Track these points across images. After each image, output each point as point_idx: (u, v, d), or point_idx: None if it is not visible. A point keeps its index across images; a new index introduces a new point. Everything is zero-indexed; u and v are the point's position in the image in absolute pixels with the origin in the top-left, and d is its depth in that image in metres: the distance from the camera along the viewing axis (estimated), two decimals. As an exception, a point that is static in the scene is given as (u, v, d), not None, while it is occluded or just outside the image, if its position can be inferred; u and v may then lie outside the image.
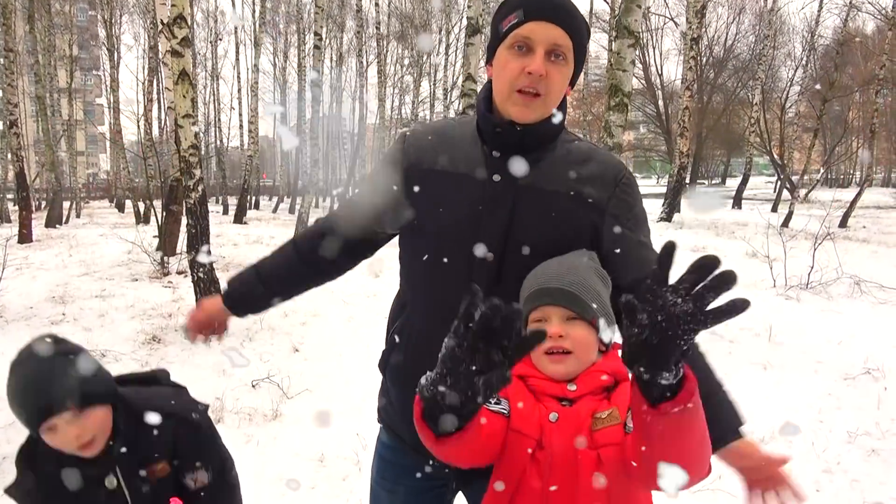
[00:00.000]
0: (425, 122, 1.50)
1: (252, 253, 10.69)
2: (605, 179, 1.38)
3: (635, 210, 1.41)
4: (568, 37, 1.31)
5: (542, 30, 1.29)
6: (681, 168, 16.65)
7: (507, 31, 1.32)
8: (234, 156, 45.82)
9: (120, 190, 28.10)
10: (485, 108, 1.39)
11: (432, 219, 1.38)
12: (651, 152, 44.74)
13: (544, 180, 1.35)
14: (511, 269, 1.33)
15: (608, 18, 23.93)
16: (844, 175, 46.47)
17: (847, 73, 26.20)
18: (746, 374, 4.70)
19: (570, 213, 1.35)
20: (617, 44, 4.77)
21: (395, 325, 1.50)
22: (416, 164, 1.42)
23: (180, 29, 5.92)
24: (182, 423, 1.54)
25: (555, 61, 1.31)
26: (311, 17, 21.35)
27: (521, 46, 1.30)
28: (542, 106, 1.33)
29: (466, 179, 1.36)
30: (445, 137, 1.44)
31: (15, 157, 12.45)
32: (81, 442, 1.38)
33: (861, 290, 7.22)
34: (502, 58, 1.34)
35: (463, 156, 1.39)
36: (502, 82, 1.34)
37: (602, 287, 1.29)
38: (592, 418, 1.21)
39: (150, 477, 1.49)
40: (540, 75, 1.29)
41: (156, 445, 1.50)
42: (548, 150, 1.39)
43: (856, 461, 3.39)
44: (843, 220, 15.05)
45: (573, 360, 1.23)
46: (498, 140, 1.37)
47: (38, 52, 17.98)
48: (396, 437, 1.54)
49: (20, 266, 8.79)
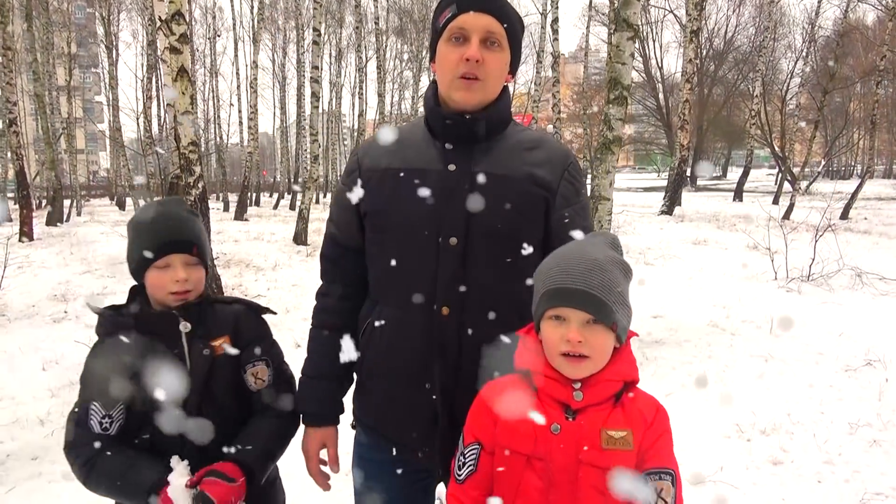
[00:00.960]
0: (376, 134, 1.56)
1: (253, 249, 10.70)
2: (555, 163, 1.46)
3: (582, 198, 1.50)
4: (500, 24, 1.40)
5: (475, 20, 1.38)
6: (681, 161, 16.63)
7: (443, 24, 1.41)
8: (234, 153, 45.80)
9: (120, 187, 28.12)
10: (433, 103, 1.47)
11: (395, 214, 1.43)
12: (651, 145, 44.66)
13: (497, 166, 1.42)
14: (475, 252, 1.39)
15: (607, 11, 23.88)
16: (845, 167, 46.40)
17: (848, 65, 26.13)
18: (748, 366, 4.71)
19: (524, 195, 1.41)
20: (616, 37, 4.76)
21: (367, 321, 1.51)
22: (372, 169, 1.48)
23: (178, 25, 5.92)
24: (247, 309, 1.67)
25: (490, 48, 1.40)
26: (309, 13, 21.31)
27: (458, 38, 1.40)
28: (482, 89, 1.41)
29: (423, 173, 1.42)
30: (396, 140, 1.51)
31: (15, 156, 12.44)
32: (184, 287, 1.53)
33: (862, 282, 7.22)
34: (442, 51, 1.43)
35: (416, 152, 1.46)
36: (444, 73, 1.42)
37: (624, 282, 1.25)
38: (602, 433, 1.19)
39: (213, 351, 1.56)
40: (477, 60, 1.37)
41: (221, 323, 1.60)
42: (498, 139, 1.47)
43: (857, 452, 3.40)
44: (844, 211, 15.04)
45: (589, 364, 1.21)
46: (449, 132, 1.44)
47: (36, 49, 17.93)
48: (376, 434, 1.55)
49: (22, 264, 8.80)
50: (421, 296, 1.40)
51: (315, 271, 1.66)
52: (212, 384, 1.55)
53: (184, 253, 1.54)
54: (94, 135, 50.45)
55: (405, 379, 1.44)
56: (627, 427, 1.19)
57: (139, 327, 1.53)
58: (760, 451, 3.43)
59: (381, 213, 1.45)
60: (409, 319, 1.42)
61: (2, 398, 4.24)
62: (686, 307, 6.40)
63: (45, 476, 3.21)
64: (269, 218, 20.08)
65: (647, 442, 1.20)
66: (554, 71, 18.18)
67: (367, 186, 1.48)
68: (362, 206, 1.49)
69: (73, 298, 6.97)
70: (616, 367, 1.24)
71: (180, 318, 1.54)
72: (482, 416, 1.29)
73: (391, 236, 1.44)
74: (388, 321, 1.46)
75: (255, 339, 1.63)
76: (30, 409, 4.01)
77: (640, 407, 1.23)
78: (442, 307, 1.39)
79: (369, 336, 1.49)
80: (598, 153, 5.01)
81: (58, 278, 8.08)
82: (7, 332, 5.71)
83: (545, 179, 1.43)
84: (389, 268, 1.44)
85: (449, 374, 1.40)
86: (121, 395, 1.50)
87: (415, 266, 1.41)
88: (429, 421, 1.43)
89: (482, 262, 1.39)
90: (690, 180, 33.11)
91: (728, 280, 7.73)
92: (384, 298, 1.48)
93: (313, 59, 12.53)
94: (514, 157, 1.44)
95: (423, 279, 1.40)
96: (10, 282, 7.16)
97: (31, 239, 11.99)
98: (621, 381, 1.23)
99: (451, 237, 1.38)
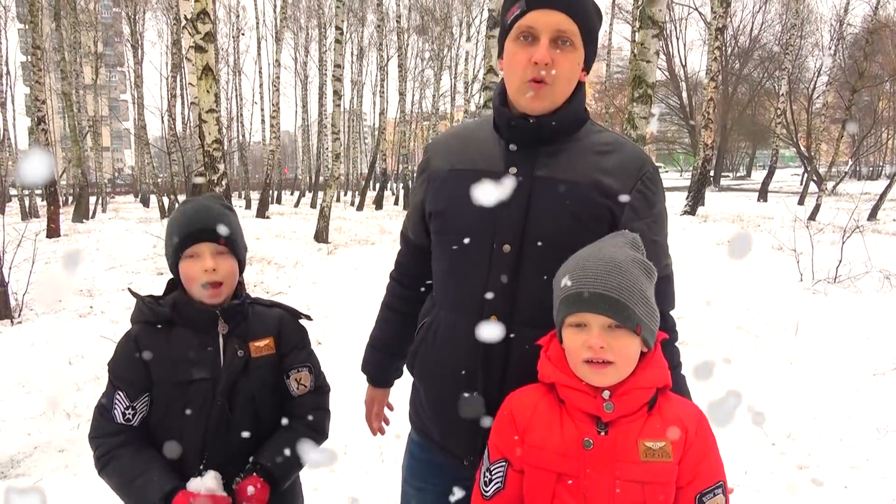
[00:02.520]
0: (447, 130, 1.54)
1: (274, 247, 10.77)
2: (628, 171, 1.35)
3: (656, 209, 1.39)
4: (572, 21, 1.30)
5: (545, 17, 1.29)
6: (705, 161, 16.43)
7: (511, 22, 1.33)
8: (256, 151, 46.20)
9: (145, 185, 28.50)
10: (500, 102, 1.41)
11: (453, 217, 1.40)
12: (674, 145, 44.21)
13: (562, 171, 1.34)
14: (530, 260, 1.33)
15: (631, 9, 23.67)
16: (874, 167, 45.56)
17: (877, 62, 25.63)
18: (773, 369, 4.64)
19: (587, 203, 1.33)
20: (641, 34, 4.71)
21: (423, 322, 1.51)
22: (439, 169, 1.46)
23: (203, 24, 5.97)
24: (290, 315, 1.69)
25: (561, 47, 1.30)
26: (332, 12, 21.41)
27: (527, 36, 1.31)
28: (551, 94, 1.33)
29: (484, 175, 1.37)
30: (464, 138, 1.48)
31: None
32: (212, 278, 1.52)
33: (891, 285, 7.07)
34: (510, 50, 1.34)
35: (480, 153, 1.41)
36: (512, 75, 1.35)
37: (647, 282, 1.19)
38: (640, 445, 1.13)
39: (250, 351, 1.57)
40: (546, 64, 1.28)
41: (263, 325, 1.62)
42: (570, 141, 1.38)
43: (885, 458, 3.33)
44: (872, 212, 14.74)
45: (614, 370, 1.14)
46: (514, 133, 1.37)
47: (64, 49, 18.25)
48: (426, 437, 1.53)
49: (49, 260, 8.95)
50: (471, 301, 1.37)
51: (335, 269, 1.68)
52: (246, 385, 1.55)
53: (211, 241, 1.53)
54: (119, 132, 51.20)
55: (453, 384, 1.40)
56: (666, 436, 1.13)
57: (177, 319, 1.54)
58: (786, 456, 3.38)
59: (441, 215, 1.43)
60: (457, 324, 1.39)
61: (30, 391, 4.32)
62: (709, 308, 6.32)
63: (72, 468, 3.26)
64: (291, 215, 20.22)
65: (692, 455, 1.14)
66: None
67: (433, 187, 1.46)
68: (427, 206, 1.47)
69: (99, 294, 7.07)
70: (646, 372, 1.17)
71: (220, 319, 1.55)
72: (506, 431, 1.23)
73: (448, 239, 1.41)
74: (439, 323, 1.45)
75: (298, 345, 1.65)
76: (56, 402, 4.08)
77: (679, 413, 1.17)
78: (491, 315, 1.34)
79: (423, 335, 1.49)
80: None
81: (84, 274, 8.20)
82: (35, 326, 5.82)
83: (613, 189, 1.33)
84: (445, 270, 1.44)
85: (494, 383, 1.36)
86: (147, 385, 1.52)
87: (467, 271, 1.38)
88: (474, 429, 1.37)
89: (535, 272, 1.33)
90: (714, 180, 32.74)
91: (752, 281, 7.63)
92: (440, 300, 1.47)
93: (336, 57, 12.60)
94: (582, 162, 1.36)
95: (475, 285, 1.36)
96: (38, 277, 7.28)
97: (58, 235, 12.20)
98: (653, 388, 1.17)
99: (504, 244, 1.33)
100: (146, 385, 1.52)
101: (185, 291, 1.56)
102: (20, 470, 3.31)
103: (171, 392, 1.51)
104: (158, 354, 1.52)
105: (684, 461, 1.14)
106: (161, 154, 23.24)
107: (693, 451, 1.15)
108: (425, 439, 1.53)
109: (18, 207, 22.05)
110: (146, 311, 1.56)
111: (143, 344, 1.53)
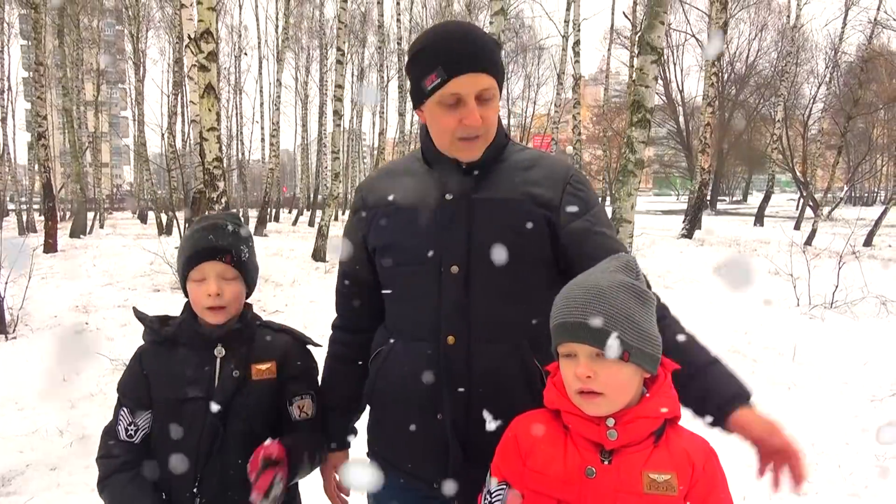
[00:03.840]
0: (375, 171, 1.60)
1: (272, 265, 10.76)
2: (555, 179, 1.42)
3: (593, 207, 1.44)
4: (491, 77, 1.35)
5: (468, 81, 1.32)
6: (702, 185, 16.53)
7: (431, 89, 1.34)
8: (255, 169, 46.30)
9: (142, 201, 28.49)
10: (429, 142, 1.45)
11: (398, 247, 1.44)
12: (671, 168, 44.47)
13: (495, 190, 1.41)
14: (479, 278, 1.38)
15: (629, 35, 23.95)
16: (869, 193, 45.82)
17: (871, 90, 25.87)
18: (770, 394, 4.62)
19: (524, 216, 1.38)
20: (639, 60, 4.77)
21: (378, 352, 1.52)
22: (377, 205, 1.49)
23: (207, 44, 6.02)
24: (296, 341, 1.66)
25: (486, 103, 1.36)
26: (333, 33, 21.60)
27: (452, 103, 1.34)
28: (484, 142, 1.40)
29: (422, 204, 1.42)
30: (394, 174, 1.53)
31: (42, 168, 12.68)
32: (216, 303, 1.53)
33: (888, 310, 7.08)
34: (435, 113, 1.38)
35: (415, 184, 1.46)
36: (441, 134, 1.39)
37: (636, 306, 1.15)
38: (644, 476, 1.10)
39: (250, 375, 1.56)
40: (477, 125, 1.34)
41: (268, 349, 1.60)
42: (496, 162, 1.44)
43: (884, 486, 3.31)
44: (868, 238, 14.79)
45: (605, 401, 1.12)
46: (446, 166, 1.44)
47: (66, 65, 18.36)
48: (388, 464, 1.51)
49: (45, 275, 8.92)
50: (427, 325, 1.39)
51: (333, 288, 1.66)
52: (241, 406, 1.54)
53: (215, 260, 1.53)
54: (118, 149, 51.29)
55: (416, 409, 1.41)
56: (672, 470, 1.10)
57: (180, 338, 1.57)
58: (784, 482, 3.35)
59: (388, 248, 1.46)
60: (416, 349, 1.41)
61: (23, 408, 4.28)
62: (706, 332, 6.30)
63: (64, 487, 3.22)
64: (288, 234, 20.22)
65: (699, 490, 1.11)
66: (574, 93, 18.23)
67: (374, 222, 1.49)
68: (369, 242, 1.50)
69: (95, 310, 7.04)
70: (653, 401, 1.15)
71: (217, 343, 1.56)
72: (510, 455, 1.22)
73: (397, 268, 1.45)
74: (396, 351, 1.46)
75: (303, 373, 1.64)
76: (49, 420, 4.04)
77: (686, 447, 1.14)
78: (447, 336, 1.37)
79: (380, 365, 1.49)
80: (619, 176, 5.00)
81: (80, 290, 8.17)
82: (30, 341, 5.78)
83: (545, 197, 1.40)
84: (396, 299, 1.47)
85: (459, 405, 1.37)
86: (148, 402, 1.55)
87: (420, 296, 1.41)
88: (441, 453, 1.39)
89: (486, 289, 1.37)
90: (710, 204, 32.90)
91: (749, 305, 7.63)
92: (393, 329, 1.49)
93: (337, 77, 12.68)
94: (511, 179, 1.42)
95: (429, 309, 1.39)
96: (34, 292, 7.25)
97: (55, 250, 12.16)
98: (660, 418, 1.15)
99: (452, 265, 1.38)
100: (147, 402, 1.54)
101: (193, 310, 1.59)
102: (11, 488, 3.27)
103: (167, 409, 1.52)
104: (159, 371, 1.55)
105: (690, 496, 1.11)
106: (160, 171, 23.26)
107: (700, 486, 1.12)
108: (389, 466, 1.50)
109: (16, 222, 22.04)
110: (150, 330, 1.60)
111: (146, 361, 1.58)
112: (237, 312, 1.60)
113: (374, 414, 1.56)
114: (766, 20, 37.29)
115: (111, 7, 27.08)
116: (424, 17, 29.71)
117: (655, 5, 4.67)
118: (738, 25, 36.81)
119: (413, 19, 29.81)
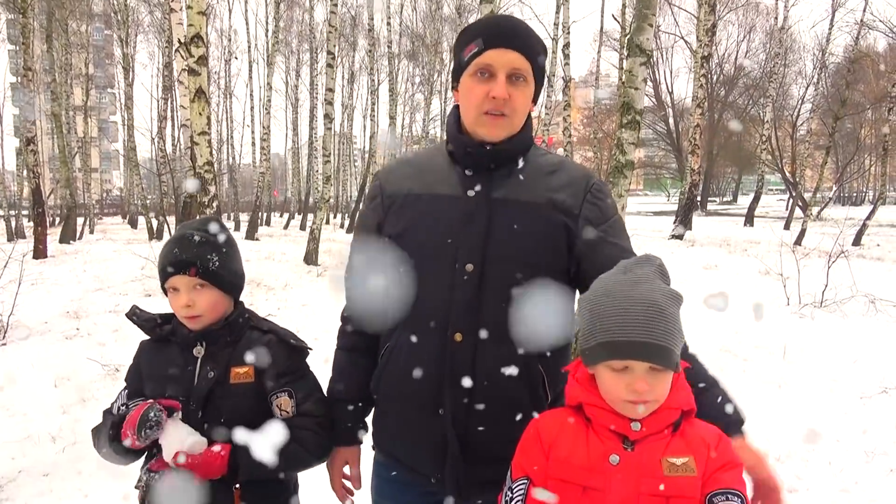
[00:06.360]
0: (397, 158, 1.58)
1: (264, 269, 10.74)
2: (576, 186, 1.45)
3: (611, 218, 1.47)
4: (526, 59, 1.40)
5: (502, 56, 1.39)
6: (692, 185, 16.62)
7: (468, 59, 1.41)
8: (246, 172, 46.19)
9: (133, 206, 28.37)
10: (457, 130, 1.47)
11: (414, 239, 1.44)
12: (661, 170, 44.68)
13: (517, 192, 1.42)
14: (492, 278, 1.38)
15: (618, 37, 24.06)
16: (857, 193, 46.20)
17: (859, 91, 26.13)
18: (761, 392, 4.66)
19: (543, 220, 1.41)
20: (629, 62, 4.79)
21: (386, 345, 1.52)
22: (395, 194, 1.50)
23: (197, 48, 6.02)
24: (280, 341, 1.66)
25: (516, 83, 1.40)
26: (323, 36, 21.60)
27: (484, 73, 1.40)
28: (509, 124, 1.43)
29: (443, 198, 1.43)
30: (417, 165, 1.54)
31: (31, 174, 12.58)
32: (189, 313, 1.57)
33: (876, 309, 7.14)
34: (467, 84, 1.43)
35: (436, 178, 1.47)
36: (469, 107, 1.43)
37: (679, 314, 1.20)
38: (664, 461, 1.16)
39: (230, 376, 1.58)
40: (504, 99, 1.38)
41: (249, 351, 1.60)
42: (519, 164, 1.46)
43: (874, 481, 3.35)
44: (856, 238, 14.92)
45: (653, 405, 1.18)
46: (470, 159, 1.44)
47: (55, 70, 18.26)
48: (391, 457, 1.54)
49: (35, 281, 8.86)
50: (435, 321, 1.40)
51: (325, 292, 1.67)
52: (220, 407, 1.55)
53: (181, 274, 1.57)
54: (108, 153, 51.04)
55: (418, 404, 1.43)
56: (689, 454, 1.16)
57: (172, 337, 1.64)
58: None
59: (401, 238, 1.46)
60: (423, 344, 1.42)
61: (14, 414, 4.26)
62: (697, 331, 6.34)
63: (56, 493, 3.21)
64: (280, 237, 20.17)
65: (712, 467, 1.16)
66: (565, 95, 18.29)
67: (392, 210, 1.49)
68: (384, 230, 1.50)
69: (86, 315, 7.00)
70: (673, 395, 1.20)
71: (197, 343, 1.60)
72: (533, 448, 1.25)
73: (410, 261, 1.44)
74: (404, 345, 1.46)
75: (282, 370, 1.62)
76: (41, 426, 4.02)
77: (702, 434, 1.20)
78: (455, 333, 1.38)
79: (387, 359, 1.50)
80: (610, 177, 5.02)
81: (70, 295, 8.12)
82: (19, 348, 5.74)
83: (566, 204, 1.42)
84: (407, 291, 1.45)
85: (461, 401, 1.39)
86: (139, 391, 1.63)
87: (431, 291, 1.41)
88: (441, 447, 1.41)
89: (498, 290, 1.38)
90: (700, 205, 33.07)
91: (740, 304, 7.67)
92: (402, 322, 1.48)
93: (327, 81, 12.67)
94: (534, 182, 1.44)
95: (439, 305, 1.40)
96: (24, 298, 7.20)
97: (44, 256, 12.09)
98: (679, 409, 1.20)
99: (467, 263, 1.38)
100: (142, 392, 1.62)
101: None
102: (3, 495, 3.25)
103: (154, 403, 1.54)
104: (149, 367, 1.64)
105: (706, 476, 1.16)
106: (150, 175, 23.18)
107: (713, 463, 1.17)
108: (390, 459, 1.54)
109: (5, 228, 21.88)
110: (144, 329, 1.67)
111: (142, 356, 1.68)
112: (219, 316, 1.63)
113: (379, 406, 1.56)
114: (755, 22, 37.64)
115: (100, 12, 26.97)
116: (415, 20, 29.79)
117: (644, 7, 4.70)
118: (726, 27, 37.13)
119: (403, 22, 29.89)
